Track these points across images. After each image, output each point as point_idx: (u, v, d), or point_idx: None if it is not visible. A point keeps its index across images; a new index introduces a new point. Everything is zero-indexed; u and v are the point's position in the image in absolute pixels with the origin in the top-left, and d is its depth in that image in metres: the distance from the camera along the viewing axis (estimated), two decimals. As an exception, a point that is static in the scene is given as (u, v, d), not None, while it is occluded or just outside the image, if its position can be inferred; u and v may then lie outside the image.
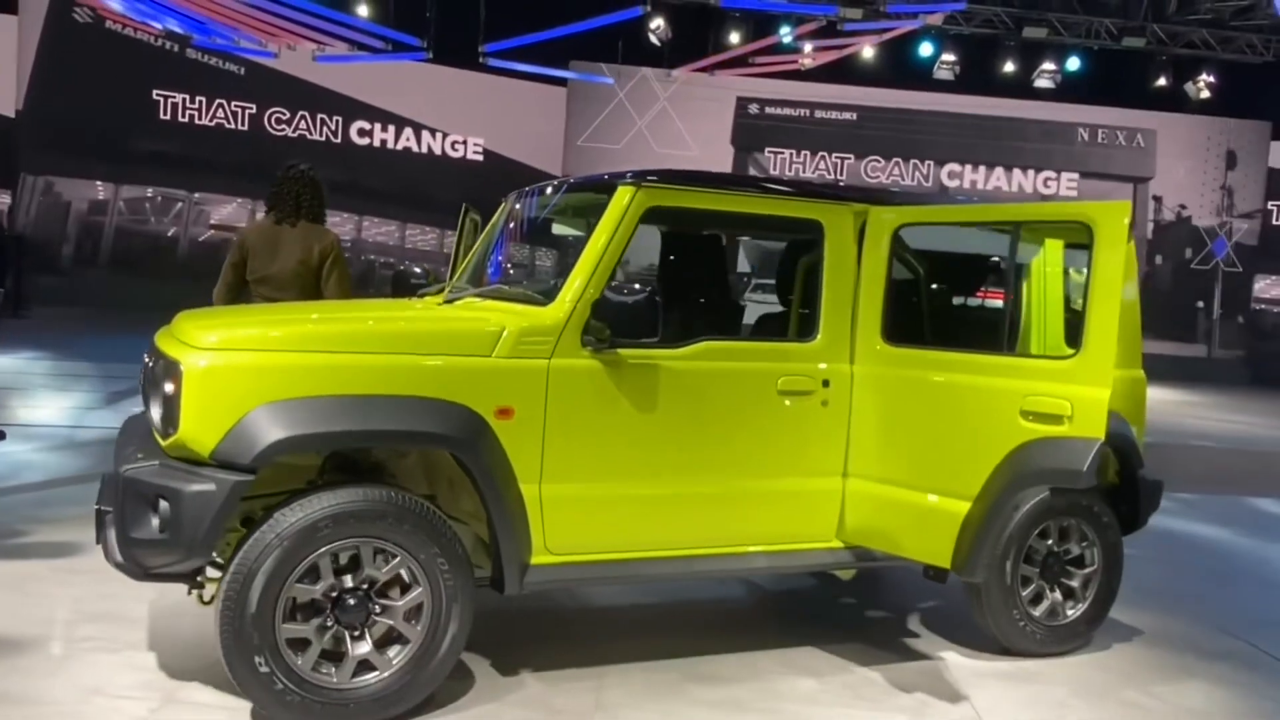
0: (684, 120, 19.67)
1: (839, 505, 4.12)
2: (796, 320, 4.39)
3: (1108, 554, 4.45)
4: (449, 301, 4.07)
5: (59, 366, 10.89)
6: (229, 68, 17.77)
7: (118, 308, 15.18)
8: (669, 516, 3.84)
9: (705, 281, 4.85)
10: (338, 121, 18.57)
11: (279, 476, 3.41)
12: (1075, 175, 20.19)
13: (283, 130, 18.25)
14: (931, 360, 3.97)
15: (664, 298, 3.53)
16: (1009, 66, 18.29)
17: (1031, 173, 20.33)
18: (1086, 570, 4.44)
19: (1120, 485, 4.59)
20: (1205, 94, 18.17)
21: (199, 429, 3.14)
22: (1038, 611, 4.33)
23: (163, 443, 3.26)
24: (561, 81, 18.82)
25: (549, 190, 4.52)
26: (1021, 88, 18.71)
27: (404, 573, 3.30)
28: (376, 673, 3.29)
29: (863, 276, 4.08)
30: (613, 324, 3.52)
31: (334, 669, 3.25)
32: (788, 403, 3.96)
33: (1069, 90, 18.71)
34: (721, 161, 19.41)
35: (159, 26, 15.28)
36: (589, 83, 18.84)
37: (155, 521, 3.10)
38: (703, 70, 17.85)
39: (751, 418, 3.92)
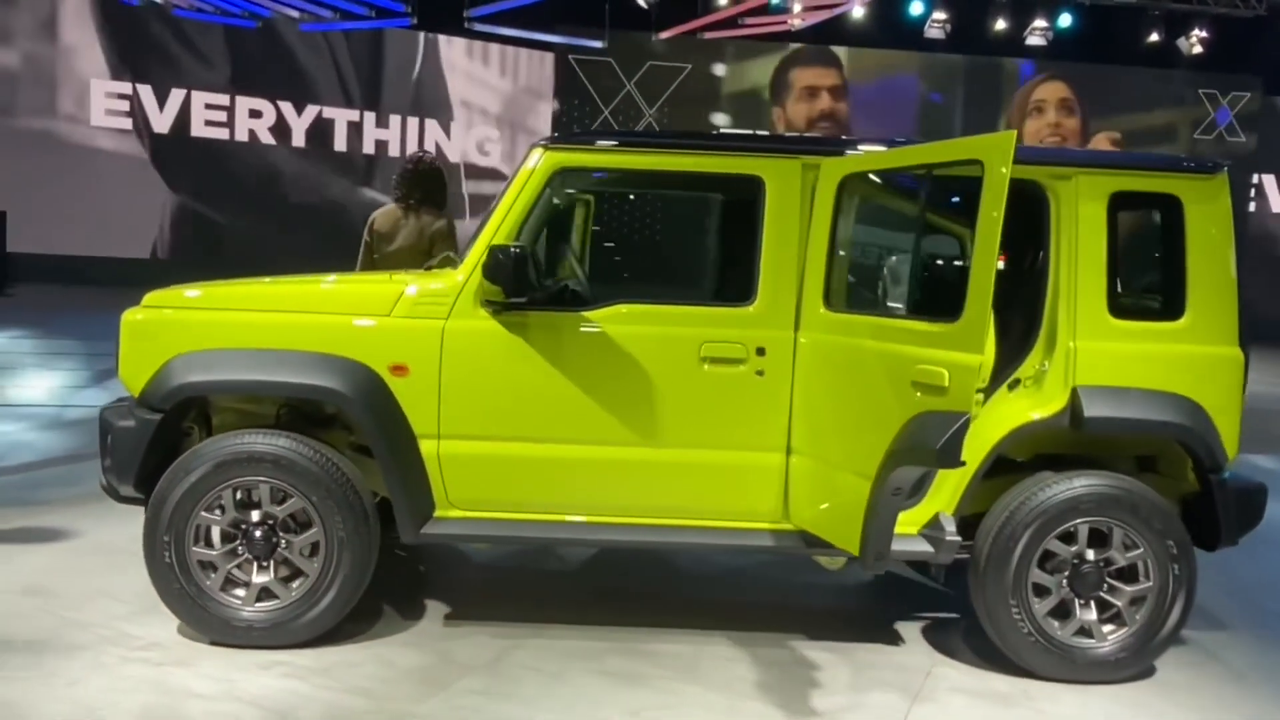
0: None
1: (782, 484, 3.81)
2: (729, 284, 4.30)
3: (1166, 570, 3.72)
4: (426, 269, 4.31)
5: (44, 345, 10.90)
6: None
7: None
8: (581, 481, 3.79)
9: (646, 243, 4.99)
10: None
11: (245, 422, 3.81)
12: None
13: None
14: (859, 326, 3.60)
15: (593, 259, 3.67)
16: (1000, 24, 18.18)
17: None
18: (1138, 587, 3.76)
19: (1199, 491, 3.90)
20: (1197, 49, 18.02)
21: (131, 374, 3.67)
22: (1060, 629, 3.75)
23: None
24: (549, 46, 18.81)
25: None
26: (1013, 45, 18.59)
27: (303, 512, 3.61)
28: (276, 601, 3.63)
29: (810, 236, 3.77)
30: (497, 285, 3.59)
31: (242, 593, 3.64)
32: (711, 370, 3.75)
33: (1060, 47, 18.56)
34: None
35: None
36: (577, 45, 18.79)
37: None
38: (691, 32, 17.76)
39: (668, 385, 3.74)
